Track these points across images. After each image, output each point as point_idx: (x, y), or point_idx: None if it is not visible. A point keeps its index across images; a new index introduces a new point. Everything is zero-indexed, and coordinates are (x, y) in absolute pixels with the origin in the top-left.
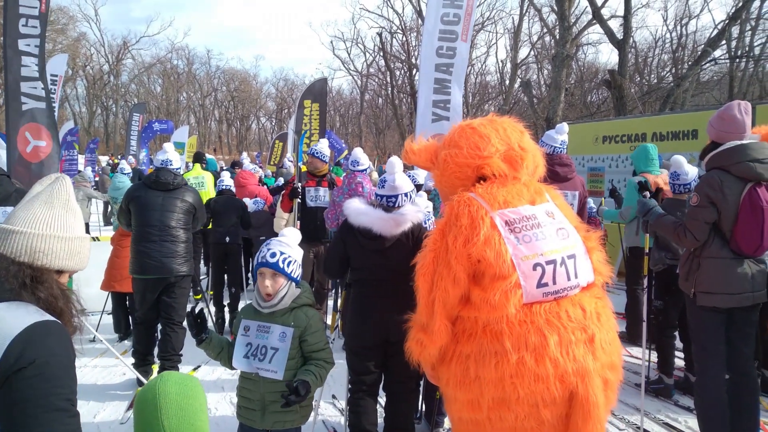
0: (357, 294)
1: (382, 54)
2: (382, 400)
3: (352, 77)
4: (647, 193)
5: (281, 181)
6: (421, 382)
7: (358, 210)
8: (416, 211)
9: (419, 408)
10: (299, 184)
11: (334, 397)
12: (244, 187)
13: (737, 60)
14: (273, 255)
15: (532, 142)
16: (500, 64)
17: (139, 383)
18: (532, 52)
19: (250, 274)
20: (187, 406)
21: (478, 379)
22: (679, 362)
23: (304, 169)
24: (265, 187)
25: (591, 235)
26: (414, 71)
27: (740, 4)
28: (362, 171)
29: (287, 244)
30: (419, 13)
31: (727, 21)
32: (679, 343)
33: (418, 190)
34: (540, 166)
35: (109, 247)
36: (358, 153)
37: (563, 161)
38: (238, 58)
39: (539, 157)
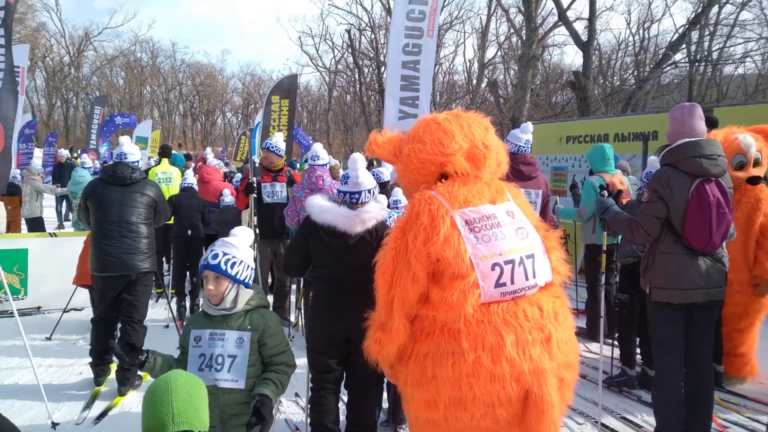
0: (318, 291)
1: (350, 51)
2: (345, 398)
3: (320, 73)
4: (605, 193)
5: (239, 176)
6: (385, 380)
7: (322, 207)
8: (380, 209)
9: (383, 406)
10: (255, 179)
11: (296, 395)
12: (208, 183)
13: (696, 64)
14: (215, 257)
15: (496, 138)
16: (468, 64)
17: (96, 383)
18: (499, 52)
19: None
20: (195, 395)
21: (435, 378)
22: (638, 357)
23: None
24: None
25: (550, 235)
26: (382, 69)
27: (699, 10)
28: (323, 165)
29: (232, 244)
30: (388, 10)
31: (687, 26)
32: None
33: (383, 188)
34: (503, 164)
35: (68, 244)
36: (318, 148)
37: (527, 160)
38: (203, 52)
39: (502, 155)
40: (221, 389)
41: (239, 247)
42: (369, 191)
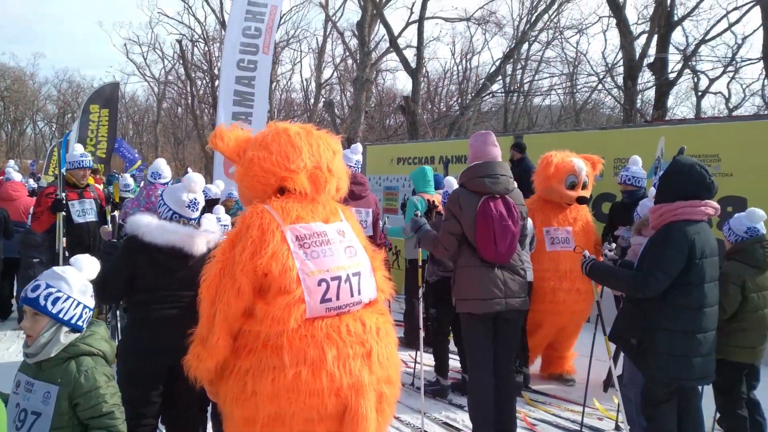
0: (142, 317)
1: (182, 62)
2: None
3: (148, 83)
4: (418, 212)
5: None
6: (209, 409)
7: (165, 228)
8: (216, 225)
9: None
10: (63, 195)
11: None
12: (15, 201)
13: (510, 94)
14: (35, 289)
15: (341, 164)
16: (305, 83)
17: None
18: (336, 74)
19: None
20: None
21: (254, 394)
22: (457, 365)
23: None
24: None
25: (377, 255)
26: (216, 82)
27: (513, 45)
28: (164, 184)
29: (61, 276)
30: (222, 23)
31: (502, 59)
32: (455, 347)
33: (213, 204)
34: (342, 189)
35: None
36: (161, 164)
37: (357, 180)
38: (11, 54)
39: (344, 181)
40: None
41: (70, 280)
42: (204, 210)
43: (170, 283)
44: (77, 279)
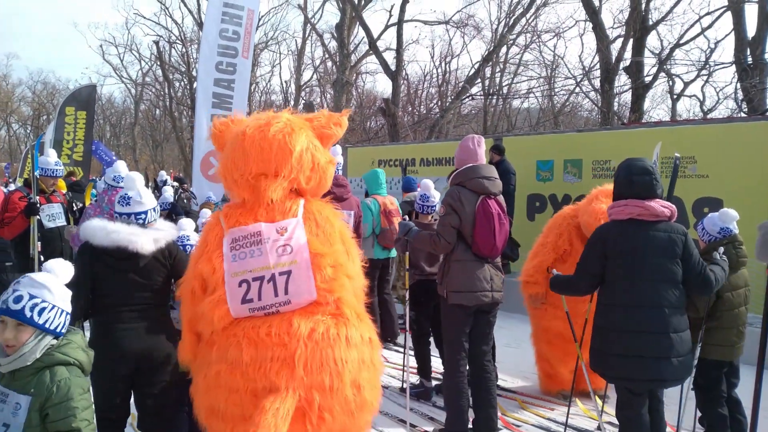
0: (101, 321)
1: (159, 64)
2: None
3: (125, 85)
4: (406, 217)
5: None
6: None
7: (108, 228)
8: (171, 227)
9: None
10: (36, 198)
11: None
12: None
13: (489, 97)
14: (18, 299)
15: (305, 158)
16: (285, 85)
17: None
18: (315, 76)
19: None
20: None
21: (196, 386)
22: (440, 367)
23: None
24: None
25: (328, 253)
26: (195, 83)
27: (491, 48)
28: None
29: (42, 284)
30: (200, 25)
31: (480, 62)
32: (435, 350)
33: (173, 209)
34: (314, 180)
35: None
36: (121, 167)
37: (339, 182)
38: None
39: (309, 172)
40: None
41: (52, 288)
42: (154, 209)
43: (124, 286)
44: (57, 286)
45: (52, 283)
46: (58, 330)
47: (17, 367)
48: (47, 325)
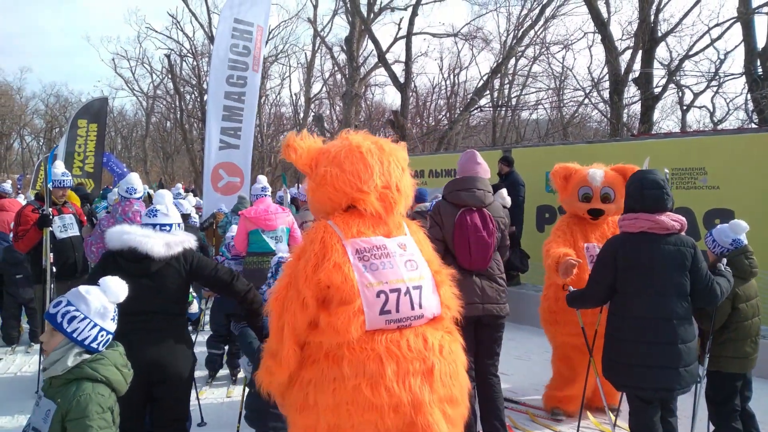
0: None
1: (170, 77)
2: None
3: (136, 98)
4: None
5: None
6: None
7: (121, 231)
8: (189, 235)
9: None
10: (49, 210)
11: None
12: (7, 211)
13: (498, 108)
14: (56, 305)
15: (409, 181)
16: (294, 97)
17: None
18: (325, 88)
19: None
20: None
21: (316, 405)
22: None
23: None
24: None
25: (442, 270)
26: (205, 96)
27: (500, 60)
28: (138, 198)
29: (83, 296)
30: (211, 38)
31: (489, 74)
32: None
33: (185, 219)
34: (407, 206)
35: None
36: (134, 178)
37: None
38: None
39: (410, 198)
40: None
41: (90, 301)
42: (178, 225)
43: (138, 292)
44: (98, 300)
45: (93, 297)
46: (87, 342)
47: (52, 374)
48: (74, 335)
